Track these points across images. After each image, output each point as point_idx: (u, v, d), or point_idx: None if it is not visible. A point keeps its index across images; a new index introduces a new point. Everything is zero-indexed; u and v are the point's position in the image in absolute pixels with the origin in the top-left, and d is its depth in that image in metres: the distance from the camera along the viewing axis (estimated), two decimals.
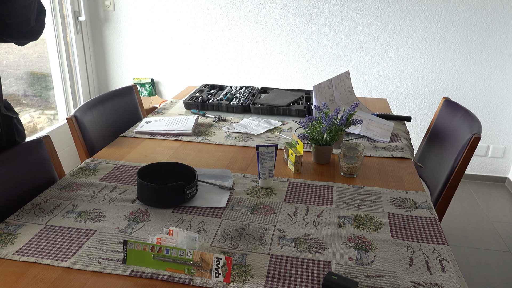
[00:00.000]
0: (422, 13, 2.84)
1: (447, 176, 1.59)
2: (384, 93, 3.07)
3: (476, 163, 3.17)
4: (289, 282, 0.86)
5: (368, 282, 0.86)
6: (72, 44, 3.16)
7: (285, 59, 3.11)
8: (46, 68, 3.06)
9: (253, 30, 3.07)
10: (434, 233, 1.04)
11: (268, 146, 1.23)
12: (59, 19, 3.02)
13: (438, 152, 1.83)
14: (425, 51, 2.92)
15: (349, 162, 1.32)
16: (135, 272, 0.87)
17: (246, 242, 0.98)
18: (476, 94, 2.97)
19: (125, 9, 3.18)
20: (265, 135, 1.68)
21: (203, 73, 3.25)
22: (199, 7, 3.07)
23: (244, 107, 1.93)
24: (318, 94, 1.75)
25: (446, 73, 2.96)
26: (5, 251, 0.93)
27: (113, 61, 3.37)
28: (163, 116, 1.87)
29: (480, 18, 2.79)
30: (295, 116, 1.90)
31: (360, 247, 0.97)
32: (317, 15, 2.96)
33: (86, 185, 1.25)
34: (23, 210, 1.10)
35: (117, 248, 0.95)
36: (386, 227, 1.06)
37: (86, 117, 1.68)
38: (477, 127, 1.59)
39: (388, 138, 1.64)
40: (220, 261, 0.84)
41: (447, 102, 1.94)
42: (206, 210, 1.12)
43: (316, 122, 1.40)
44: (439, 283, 0.86)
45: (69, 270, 0.88)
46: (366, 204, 1.17)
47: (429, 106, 3.06)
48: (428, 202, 1.19)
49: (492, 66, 2.89)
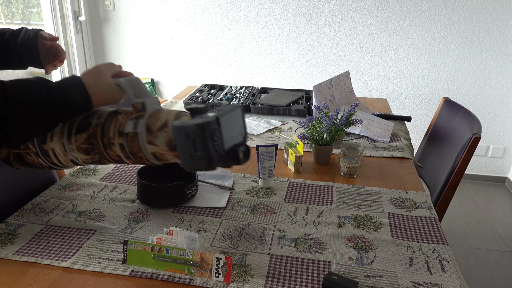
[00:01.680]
0: (422, 13, 2.84)
1: (447, 176, 1.59)
2: (384, 93, 3.07)
3: (476, 163, 3.18)
4: (289, 282, 0.86)
5: (368, 282, 0.86)
6: (72, 44, 3.16)
7: (285, 59, 3.11)
8: None
9: (253, 30, 3.07)
10: (434, 233, 1.04)
11: (268, 146, 1.23)
12: (59, 19, 3.02)
13: (438, 152, 1.83)
14: (425, 51, 2.93)
15: (349, 162, 1.32)
16: (135, 272, 0.87)
17: (246, 242, 0.98)
18: (476, 94, 2.97)
19: (125, 9, 3.18)
20: (265, 135, 1.68)
21: (203, 73, 3.25)
22: (199, 7, 3.07)
23: (244, 107, 1.93)
24: (318, 94, 1.75)
25: (446, 73, 2.96)
26: (5, 251, 0.93)
27: (113, 61, 3.37)
28: None
29: (480, 18, 2.79)
30: (295, 116, 1.90)
31: (360, 247, 0.97)
32: (317, 15, 2.96)
33: (86, 185, 1.25)
34: (23, 210, 1.10)
35: (117, 248, 0.95)
36: (386, 227, 1.06)
37: None
38: (477, 127, 1.59)
39: (388, 138, 1.64)
40: (220, 261, 0.84)
41: (447, 102, 1.94)
42: (206, 210, 1.12)
43: (316, 122, 1.40)
44: (439, 283, 0.86)
45: (69, 270, 0.88)
46: (366, 204, 1.17)
47: (429, 106, 3.07)
48: (428, 202, 1.19)
49: (492, 66, 2.89)
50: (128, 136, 0.84)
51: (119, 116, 0.87)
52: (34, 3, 3.00)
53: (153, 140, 0.82)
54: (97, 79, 0.87)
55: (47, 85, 0.83)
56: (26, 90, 0.82)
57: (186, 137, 0.75)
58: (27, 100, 0.81)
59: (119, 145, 0.85)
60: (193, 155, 0.76)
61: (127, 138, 0.84)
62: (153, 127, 0.83)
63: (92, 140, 0.87)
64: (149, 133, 0.83)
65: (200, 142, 0.75)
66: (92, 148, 0.88)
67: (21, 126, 0.83)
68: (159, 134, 0.82)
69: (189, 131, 0.74)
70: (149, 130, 0.83)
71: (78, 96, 0.84)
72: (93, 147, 0.88)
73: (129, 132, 0.84)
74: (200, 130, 0.74)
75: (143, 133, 0.83)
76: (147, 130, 0.83)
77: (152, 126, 0.83)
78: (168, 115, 0.83)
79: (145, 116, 0.84)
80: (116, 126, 0.85)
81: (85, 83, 0.85)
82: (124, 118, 0.86)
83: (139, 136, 0.83)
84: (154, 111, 0.85)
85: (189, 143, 0.75)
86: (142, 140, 0.83)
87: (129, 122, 0.84)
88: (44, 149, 0.90)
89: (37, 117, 0.83)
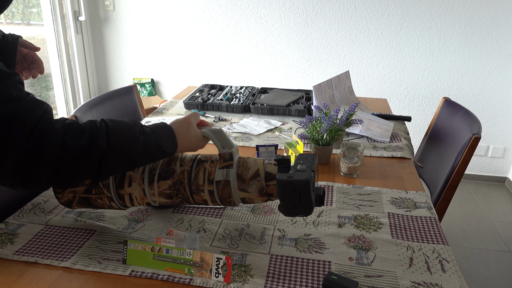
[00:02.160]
0: (422, 13, 2.84)
1: (447, 176, 1.59)
2: (384, 93, 3.07)
3: (476, 163, 3.18)
4: (289, 282, 0.86)
5: (368, 282, 0.86)
6: (72, 44, 3.16)
7: (285, 59, 3.11)
8: (46, 68, 3.05)
9: (253, 30, 3.07)
10: (434, 233, 1.04)
11: (268, 146, 1.23)
12: (59, 19, 3.02)
13: (438, 152, 1.83)
14: (425, 51, 2.93)
15: (349, 162, 1.32)
16: (135, 272, 0.87)
17: (246, 242, 0.98)
18: (476, 94, 2.97)
19: (125, 9, 3.18)
20: (265, 135, 1.68)
21: (203, 73, 3.25)
22: (199, 7, 3.07)
23: (244, 107, 1.93)
24: (318, 94, 1.75)
25: (446, 73, 2.96)
26: (5, 251, 0.93)
27: (113, 61, 3.37)
28: (163, 116, 1.87)
29: (480, 18, 2.79)
30: (295, 116, 1.90)
31: (360, 247, 0.97)
32: (317, 15, 2.96)
33: None
34: (23, 210, 1.10)
35: (117, 248, 0.95)
36: (386, 227, 1.06)
37: (86, 117, 1.68)
38: (477, 127, 1.59)
39: (388, 138, 1.64)
40: (220, 261, 0.84)
41: (447, 102, 1.94)
42: (206, 210, 1.12)
43: (316, 122, 1.40)
44: (439, 283, 0.86)
45: (69, 270, 0.88)
46: (366, 204, 1.17)
47: (429, 106, 3.07)
48: (428, 202, 1.19)
49: (492, 66, 2.89)
50: (219, 184, 0.91)
51: (206, 164, 0.92)
52: (34, 3, 3.00)
53: (245, 188, 0.91)
54: (187, 130, 0.94)
55: (144, 131, 0.88)
56: (127, 135, 0.85)
57: (293, 191, 0.84)
58: (128, 143, 0.85)
59: (208, 192, 0.92)
60: (297, 205, 0.85)
61: (218, 186, 0.91)
62: (245, 176, 0.91)
63: (177, 186, 0.92)
64: (241, 181, 0.91)
65: (306, 194, 0.84)
66: (177, 193, 0.93)
67: (114, 166, 0.85)
68: (252, 183, 0.90)
69: (297, 185, 0.83)
70: (241, 179, 0.91)
71: (170, 145, 0.91)
72: (177, 192, 0.93)
73: (221, 180, 0.90)
74: (307, 185, 0.83)
75: (234, 181, 0.91)
76: (239, 178, 0.91)
77: (243, 175, 0.91)
78: (257, 165, 0.92)
79: (234, 165, 0.91)
80: (206, 174, 0.92)
81: (176, 134, 0.92)
82: (212, 167, 0.92)
83: (231, 184, 0.90)
84: (241, 160, 0.93)
85: (295, 196, 0.84)
86: (234, 188, 0.91)
87: (218, 171, 0.91)
88: (120, 193, 0.94)
89: (130, 160, 0.86)
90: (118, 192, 0.94)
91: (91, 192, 0.94)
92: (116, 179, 0.93)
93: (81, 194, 0.95)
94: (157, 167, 0.93)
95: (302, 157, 0.94)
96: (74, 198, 0.96)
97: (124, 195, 0.94)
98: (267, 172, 0.91)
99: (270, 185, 0.90)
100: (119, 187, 0.93)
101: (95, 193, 0.94)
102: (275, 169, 0.91)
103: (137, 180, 0.93)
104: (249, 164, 0.92)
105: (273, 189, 0.90)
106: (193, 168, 0.92)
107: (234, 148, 0.93)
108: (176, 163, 0.93)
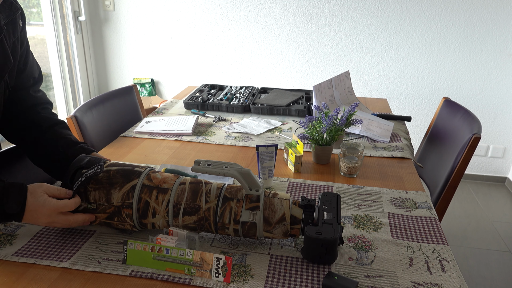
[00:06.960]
0: (422, 13, 2.84)
1: (447, 176, 1.59)
2: (384, 93, 3.07)
3: (476, 163, 3.18)
4: (289, 282, 0.85)
5: (368, 282, 0.86)
6: (72, 44, 3.16)
7: (285, 59, 3.11)
8: (46, 68, 3.06)
9: (253, 30, 3.07)
10: (434, 233, 1.04)
11: (268, 146, 1.23)
12: (59, 19, 3.02)
13: (438, 152, 1.83)
14: (425, 51, 2.92)
15: (349, 162, 1.32)
16: (135, 272, 0.87)
17: (246, 242, 0.98)
18: (476, 94, 2.97)
19: (125, 9, 3.18)
20: (265, 135, 1.68)
21: (203, 73, 3.25)
22: (199, 7, 3.07)
23: (244, 107, 1.93)
24: (318, 94, 1.74)
25: (446, 73, 2.96)
26: (4, 252, 0.92)
27: (113, 61, 3.37)
28: (163, 116, 1.87)
29: (480, 18, 2.79)
30: (295, 116, 1.90)
31: (360, 247, 0.97)
32: (317, 15, 2.96)
33: None
34: None
35: (117, 248, 0.95)
36: (386, 227, 1.06)
37: (86, 117, 1.68)
38: (477, 127, 1.59)
39: (388, 138, 1.64)
40: (220, 261, 0.84)
41: (447, 102, 1.94)
42: None
43: (316, 122, 1.40)
44: (439, 283, 0.86)
45: (69, 270, 0.88)
46: (366, 204, 1.17)
47: (429, 106, 3.07)
48: (428, 202, 1.19)
49: (492, 66, 2.89)
50: (245, 225, 0.92)
51: (232, 204, 0.93)
52: (34, 3, 3.00)
53: (270, 230, 0.92)
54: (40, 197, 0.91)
55: None
56: None
57: (321, 246, 0.87)
58: None
59: (233, 230, 0.93)
60: (322, 256, 0.89)
61: (244, 226, 0.92)
62: (271, 220, 0.92)
63: (203, 222, 0.93)
64: (267, 224, 0.92)
65: (332, 249, 0.88)
66: (201, 227, 0.94)
67: None
68: (277, 226, 0.92)
69: (325, 243, 0.87)
70: (267, 221, 0.92)
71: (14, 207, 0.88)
72: (201, 227, 0.94)
73: (247, 222, 0.91)
74: (335, 242, 0.87)
75: (260, 224, 0.92)
76: (265, 221, 0.92)
77: (270, 219, 0.92)
78: (283, 208, 0.92)
79: (260, 208, 0.92)
80: (232, 214, 0.92)
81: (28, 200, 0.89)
82: (239, 207, 0.92)
83: (257, 226, 0.92)
84: (267, 201, 0.93)
85: (322, 249, 0.88)
86: (259, 230, 0.92)
87: (245, 212, 0.92)
88: (144, 222, 0.95)
89: None
90: (141, 221, 0.95)
91: (113, 219, 0.95)
92: (139, 210, 0.94)
93: (103, 219, 0.96)
94: (182, 202, 0.93)
95: (326, 199, 0.96)
96: (95, 220, 0.97)
97: (147, 223, 0.95)
98: (293, 215, 0.92)
99: (295, 228, 0.92)
100: (143, 217, 0.94)
101: (117, 221, 0.95)
102: (300, 212, 0.92)
103: (161, 213, 0.93)
104: (275, 206, 0.92)
105: (297, 231, 0.92)
106: (218, 206, 0.92)
107: (261, 189, 0.93)
108: (201, 199, 0.93)
